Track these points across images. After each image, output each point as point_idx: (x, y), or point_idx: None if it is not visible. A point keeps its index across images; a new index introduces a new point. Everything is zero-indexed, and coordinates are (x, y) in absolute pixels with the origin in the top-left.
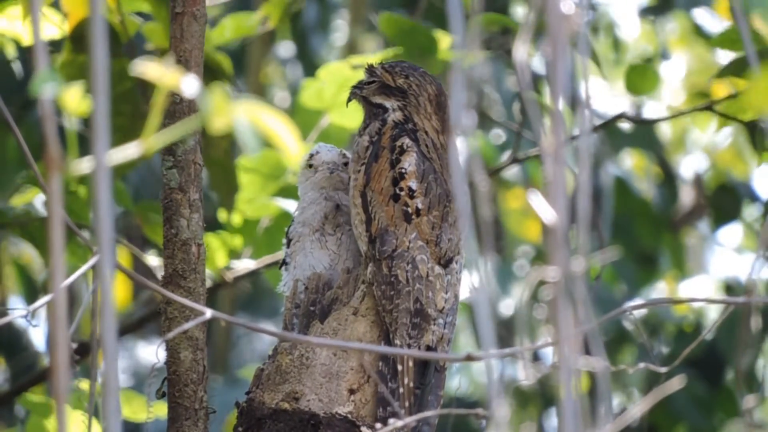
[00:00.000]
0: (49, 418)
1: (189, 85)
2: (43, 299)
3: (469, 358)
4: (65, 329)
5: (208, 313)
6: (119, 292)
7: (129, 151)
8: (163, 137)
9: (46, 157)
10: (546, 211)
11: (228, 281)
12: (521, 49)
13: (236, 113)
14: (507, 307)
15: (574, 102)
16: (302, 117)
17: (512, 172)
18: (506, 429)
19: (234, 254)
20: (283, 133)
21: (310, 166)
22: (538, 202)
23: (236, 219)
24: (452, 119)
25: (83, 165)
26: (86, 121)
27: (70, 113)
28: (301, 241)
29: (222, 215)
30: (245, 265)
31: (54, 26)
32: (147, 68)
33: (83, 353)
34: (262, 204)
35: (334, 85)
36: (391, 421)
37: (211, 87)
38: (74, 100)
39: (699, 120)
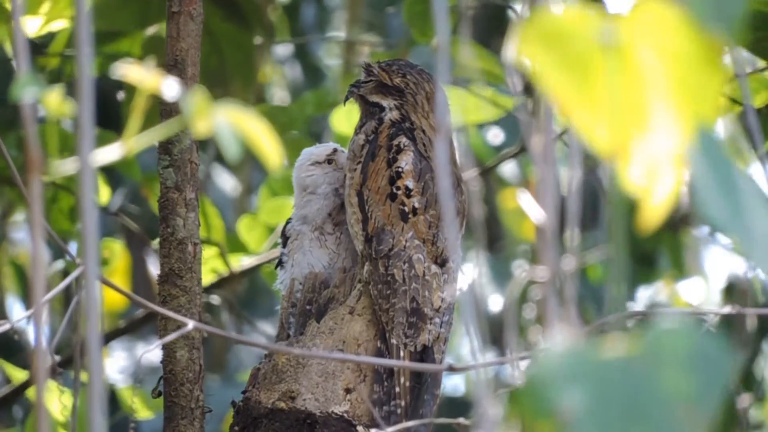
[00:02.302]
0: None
1: (170, 87)
2: (27, 312)
3: (451, 369)
4: (45, 341)
5: (190, 324)
6: (116, 292)
7: (111, 153)
8: (145, 137)
9: (26, 161)
10: (536, 210)
11: (234, 273)
12: (511, 49)
13: (217, 117)
14: (502, 306)
15: None
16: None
17: (511, 171)
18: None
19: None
20: (264, 137)
21: (330, 161)
22: (527, 201)
23: (255, 233)
24: (437, 119)
25: (66, 167)
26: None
27: (52, 114)
28: (299, 239)
29: (243, 225)
30: (249, 260)
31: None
32: (128, 71)
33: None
34: (279, 204)
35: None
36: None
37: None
38: (56, 102)
39: None
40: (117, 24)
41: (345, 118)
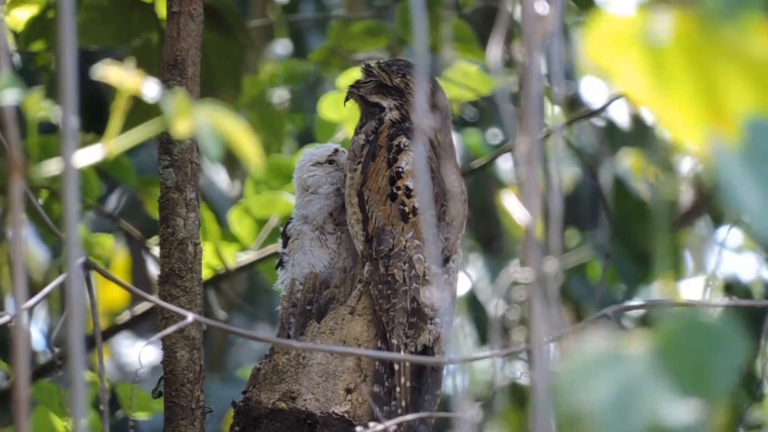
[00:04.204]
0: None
1: (150, 88)
2: (4, 318)
3: (450, 361)
4: (28, 344)
5: (190, 317)
6: (116, 290)
7: (93, 154)
8: (127, 138)
9: (7, 162)
10: (519, 211)
11: (230, 270)
12: (495, 49)
13: (198, 117)
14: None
15: (573, 100)
16: (322, 128)
17: (509, 170)
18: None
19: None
20: (244, 138)
21: (331, 161)
22: (512, 202)
23: (246, 223)
24: (415, 118)
25: (49, 168)
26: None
27: (31, 116)
28: (300, 239)
29: (233, 216)
30: (247, 256)
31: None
32: (108, 72)
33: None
34: (270, 199)
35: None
36: (372, 424)
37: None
38: (35, 105)
39: None
40: (100, 40)
41: (332, 106)
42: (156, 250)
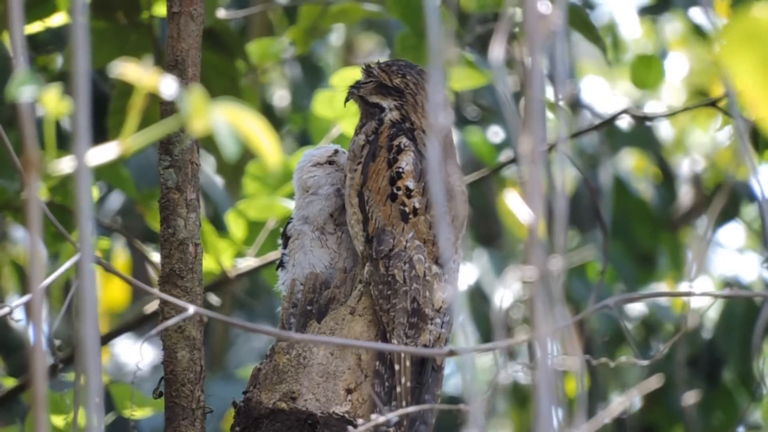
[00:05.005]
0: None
1: (168, 86)
2: (23, 299)
3: (452, 353)
4: (43, 331)
5: (191, 309)
6: (117, 291)
7: (108, 152)
8: (143, 136)
9: (24, 159)
10: (523, 210)
11: (230, 277)
12: (497, 49)
13: (215, 115)
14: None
15: (575, 101)
16: (315, 125)
17: (510, 170)
18: (484, 426)
19: (239, 254)
20: (261, 136)
21: (331, 162)
22: (515, 201)
23: (241, 224)
24: (429, 118)
25: (63, 165)
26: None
27: (49, 114)
28: (300, 239)
29: (230, 218)
30: (248, 263)
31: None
32: (126, 70)
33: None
34: (266, 204)
35: (346, 91)
36: (373, 416)
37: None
38: (53, 101)
39: (700, 119)
40: (97, 62)
41: (326, 103)
42: (154, 256)
